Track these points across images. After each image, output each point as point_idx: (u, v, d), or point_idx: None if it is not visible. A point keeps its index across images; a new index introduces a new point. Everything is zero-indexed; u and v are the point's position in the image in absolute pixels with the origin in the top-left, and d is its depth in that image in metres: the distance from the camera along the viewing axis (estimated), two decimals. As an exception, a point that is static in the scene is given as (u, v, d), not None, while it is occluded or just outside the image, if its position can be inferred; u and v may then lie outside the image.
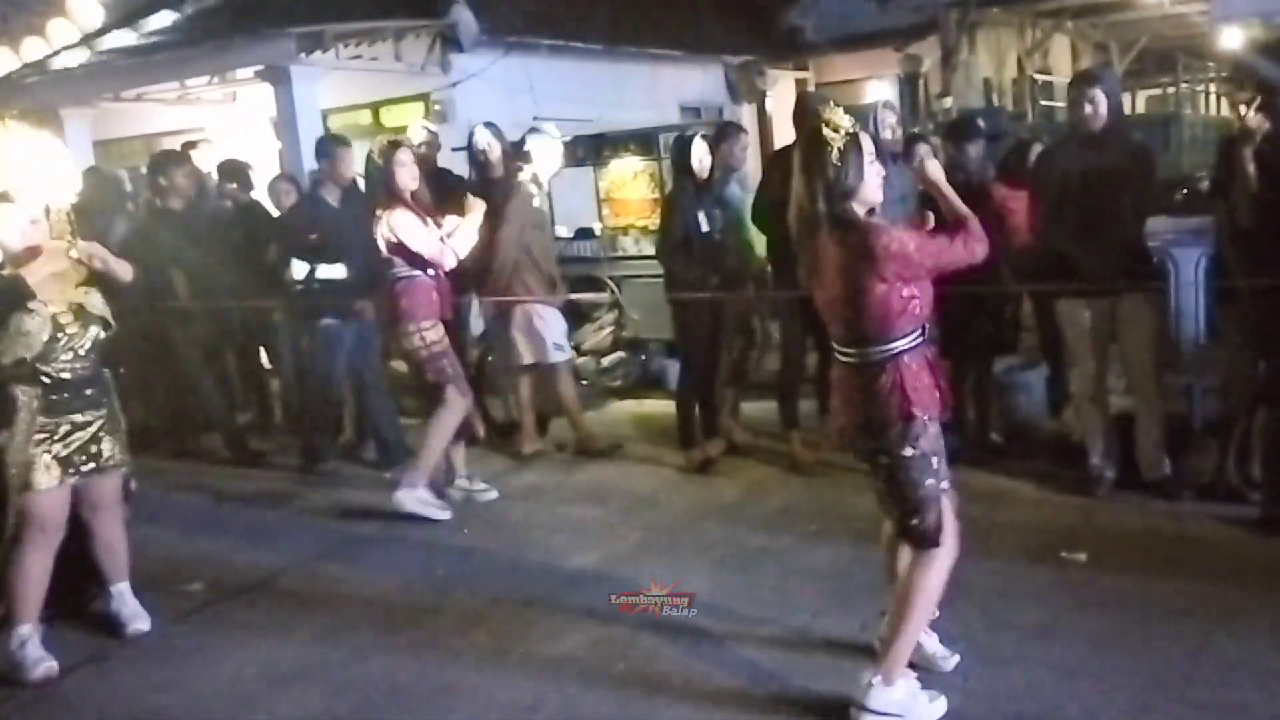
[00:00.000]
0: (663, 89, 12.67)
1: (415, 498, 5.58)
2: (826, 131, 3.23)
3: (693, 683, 3.76)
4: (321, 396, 6.75)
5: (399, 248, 5.49)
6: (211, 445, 7.36)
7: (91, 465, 4.16)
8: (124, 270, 4.24)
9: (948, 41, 13.69)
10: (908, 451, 3.27)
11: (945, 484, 3.38)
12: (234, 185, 7.67)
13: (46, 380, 4.01)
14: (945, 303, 5.59)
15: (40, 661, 4.05)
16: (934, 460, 3.32)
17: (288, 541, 5.56)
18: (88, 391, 4.14)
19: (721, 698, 3.65)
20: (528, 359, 6.62)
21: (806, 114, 6.59)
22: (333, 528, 5.76)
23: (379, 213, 5.49)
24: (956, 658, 3.68)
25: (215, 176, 7.93)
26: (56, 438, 4.05)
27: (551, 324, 6.64)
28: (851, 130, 3.23)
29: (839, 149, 3.20)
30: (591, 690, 3.77)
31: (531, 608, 4.49)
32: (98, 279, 4.17)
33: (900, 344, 3.25)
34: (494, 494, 5.98)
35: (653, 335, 7.97)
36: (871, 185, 3.26)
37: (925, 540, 3.36)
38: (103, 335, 4.16)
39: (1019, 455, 5.90)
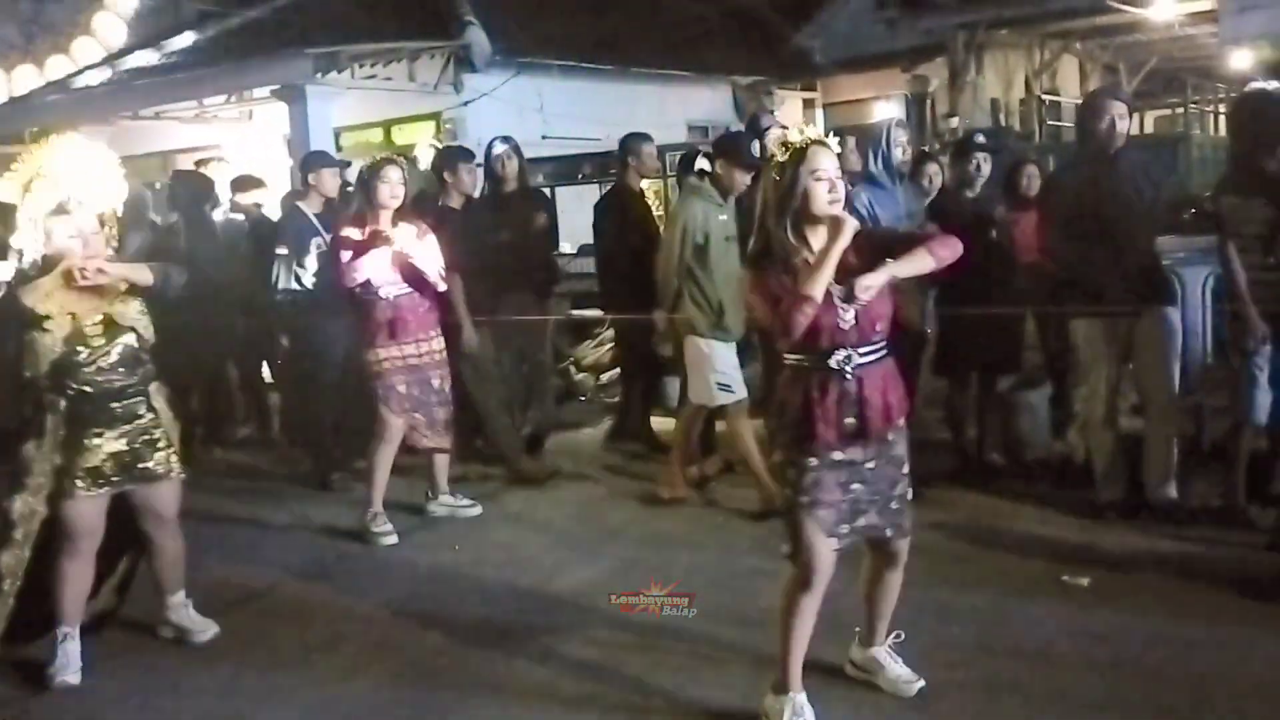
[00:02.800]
0: (671, 108, 12.58)
1: (370, 528, 5.45)
2: (772, 148, 3.20)
3: (680, 705, 3.58)
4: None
5: (404, 264, 5.33)
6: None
7: (127, 477, 4.03)
8: (141, 275, 4.03)
9: (955, 62, 13.57)
10: None
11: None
12: (248, 198, 7.57)
13: (70, 392, 3.90)
14: (946, 321, 5.56)
15: (66, 667, 3.97)
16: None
17: (280, 556, 5.37)
18: (116, 405, 3.98)
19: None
20: (694, 398, 5.68)
21: None
22: (324, 544, 5.55)
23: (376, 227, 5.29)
24: (920, 683, 3.50)
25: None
26: (87, 449, 3.93)
27: (715, 359, 5.53)
28: (800, 144, 3.16)
29: (781, 164, 3.16)
30: (579, 712, 3.60)
31: (521, 627, 4.31)
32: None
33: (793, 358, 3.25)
34: (478, 509, 5.79)
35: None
36: (819, 201, 3.14)
37: None
38: (135, 346, 4.01)
39: (1021, 476, 5.70)
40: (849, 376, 3.18)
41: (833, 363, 3.18)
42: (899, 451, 3.35)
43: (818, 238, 3.17)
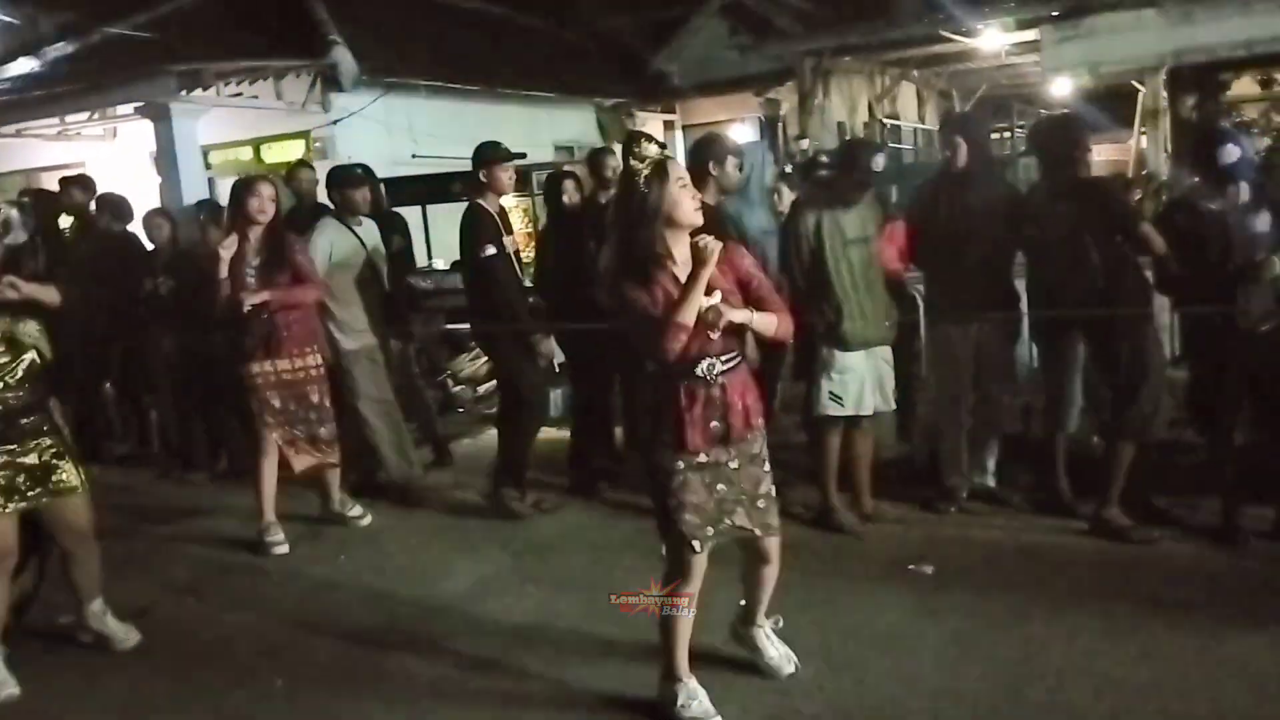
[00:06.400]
0: (538, 129, 12.65)
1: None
2: (633, 162, 3.23)
3: (560, 700, 3.68)
4: None
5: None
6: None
7: (40, 490, 3.97)
8: (49, 295, 4.02)
9: (804, 87, 13.94)
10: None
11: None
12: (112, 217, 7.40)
13: None
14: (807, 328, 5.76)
15: (4, 683, 3.93)
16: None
17: (162, 570, 5.29)
18: (23, 421, 3.93)
19: (593, 708, 3.59)
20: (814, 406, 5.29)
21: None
22: (207, 557, 5.48)
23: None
24: (792, 667, 3.70)
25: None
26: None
27: (830, 367, 5.19)
28: (659, 157, 3.24)
29: (645, 175, 3.20)
30: (468, 707, 3.68)
31: (406, 632, 4.35)
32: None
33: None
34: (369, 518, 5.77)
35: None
36: (685, 209, 3.23)
37: None
38: (39, 363, 3.96)
39: (871, 474, 5.91)
40: (713, 383, 3.29)
41: (699, 371, 3.27)
42: (759, 451, 3.45)
43: (681, 246, 3.24)
